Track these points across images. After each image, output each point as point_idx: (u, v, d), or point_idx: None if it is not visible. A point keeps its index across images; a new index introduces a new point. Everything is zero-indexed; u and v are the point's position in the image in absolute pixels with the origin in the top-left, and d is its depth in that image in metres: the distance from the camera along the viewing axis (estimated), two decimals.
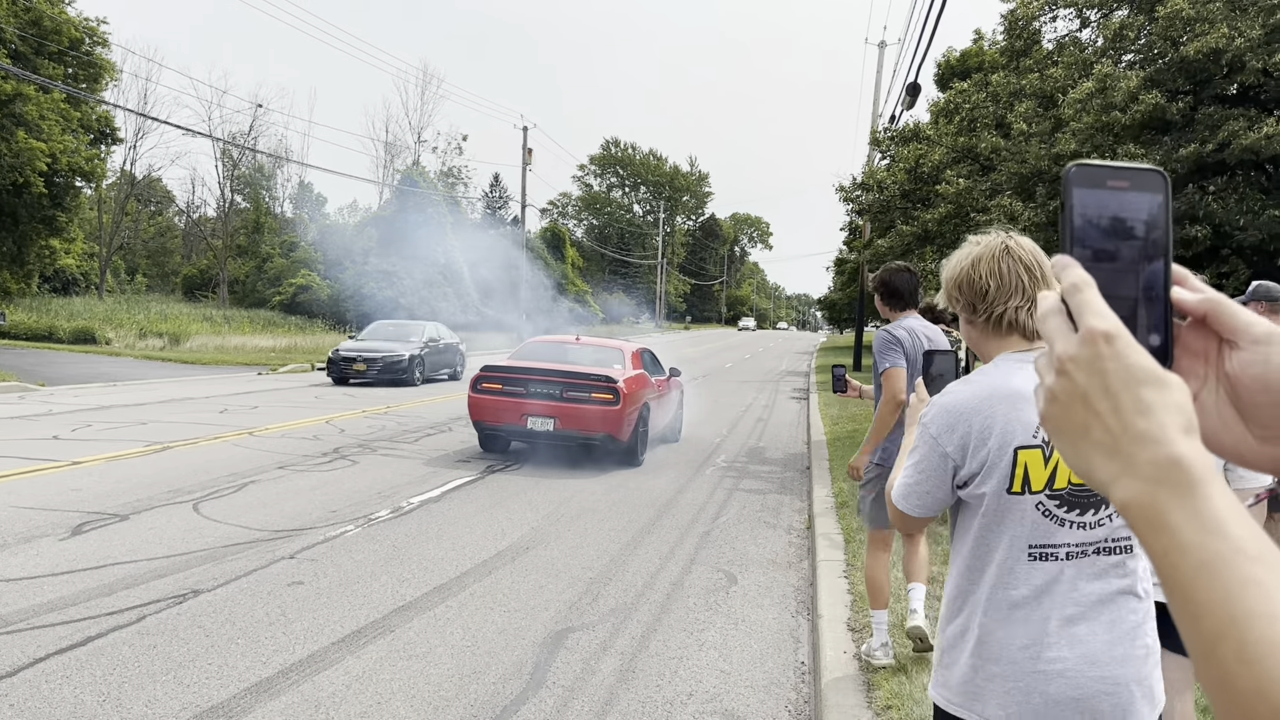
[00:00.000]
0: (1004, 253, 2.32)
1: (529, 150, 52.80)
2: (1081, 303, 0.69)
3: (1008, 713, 2.21)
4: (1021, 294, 2.31)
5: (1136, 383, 0.66)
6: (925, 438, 2.31)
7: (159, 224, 68.44)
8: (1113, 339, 0.67)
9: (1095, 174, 0.73)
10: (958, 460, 2.26)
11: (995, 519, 2.24)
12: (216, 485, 9.55)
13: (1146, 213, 0.73)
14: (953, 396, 2.31)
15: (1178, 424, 0.64)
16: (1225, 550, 0.60)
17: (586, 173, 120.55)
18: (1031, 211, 11.43)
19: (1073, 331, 0.69)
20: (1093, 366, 0.67)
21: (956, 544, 2.38)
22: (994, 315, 2.33)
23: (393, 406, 17.34)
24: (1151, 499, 0.64)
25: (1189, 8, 10.29)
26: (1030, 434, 2.21)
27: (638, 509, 9.56)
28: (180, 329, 34.65)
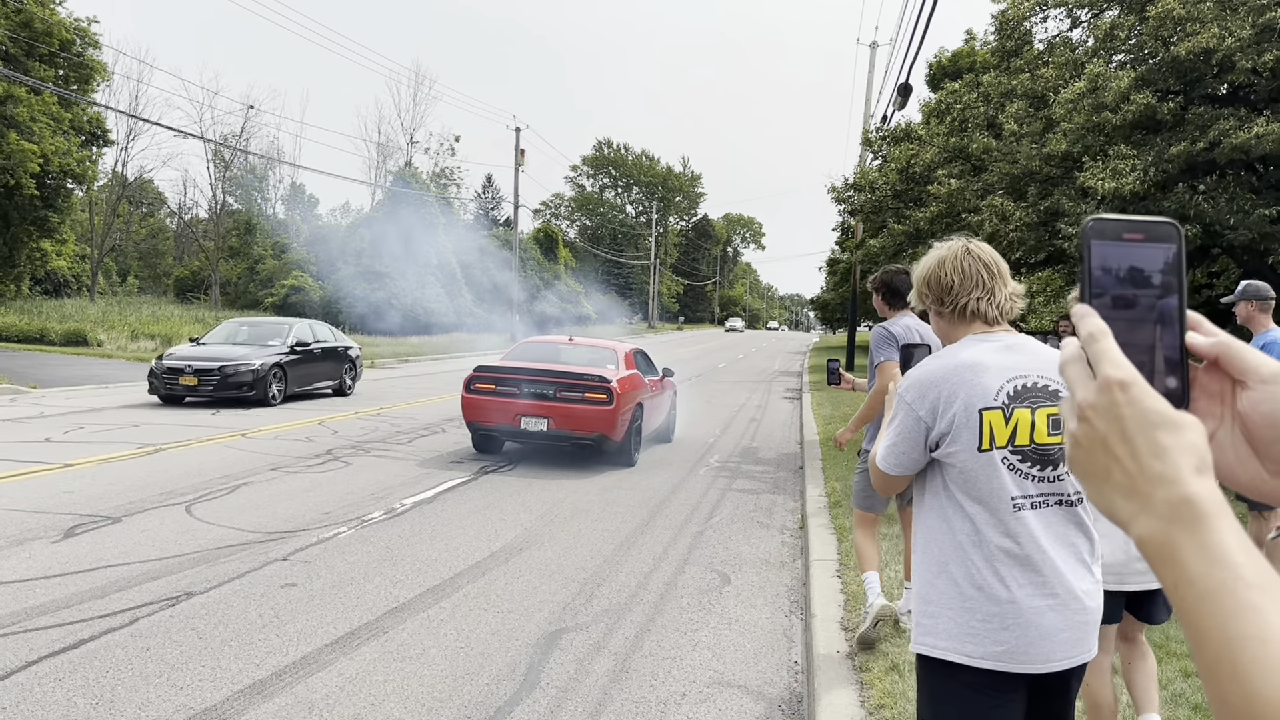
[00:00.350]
0: (965, 253, 2.75)
1: (522, 151, 52.78)
2: (1099, 352, 0.73)
3: (1004, 648, 2.51)
4: (981, 287, 2.72)
5: (1151, 427, 0.70)
6: (902, 405, 2.68)
7: (151, 226, 68.27)
8: (1128, 386, 0.71)
9: (1111, 227, 0.78)
10: (929, 422, 2.61)
11: (970, 476, 2.58)
12: (209, 487, 9.53)
13: (1161, 262, 0.77)
14: (923, 369, 2.70)
15: (1190, 464, 0.69)
16: (1226, 579, 0.65)
17: (579, 173, 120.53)
18: (1023, 211, 11.45)
19: (1092, 379, 0.74)
20: (1110, 413, 0.72)
21: (927, 509, 2.69)
22: (958, 306, 2.74)
23: (385, 408, 17.32)
24: (1165, 536, 0.69)
25: (1180, 7, 10.33)
26: (991, 397, 2.58)
27: (631, 509, 9.57)
28: (172, 331, 34.52)
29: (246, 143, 60.77)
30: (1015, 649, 2.50)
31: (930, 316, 2.90)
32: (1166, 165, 10.35)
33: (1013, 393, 2.60)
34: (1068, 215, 10.78)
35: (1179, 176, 10.56)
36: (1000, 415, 2.56)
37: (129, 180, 58.02)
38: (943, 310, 2.78)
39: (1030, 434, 2.57)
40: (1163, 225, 0.78)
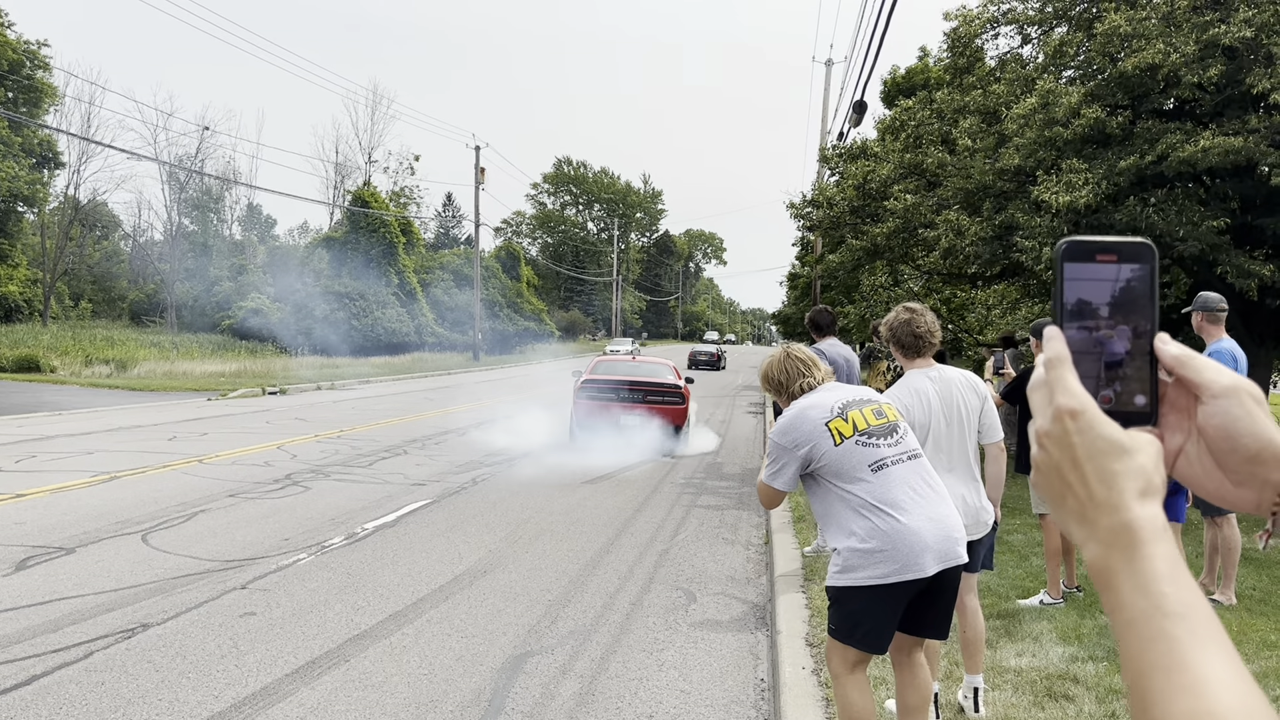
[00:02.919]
0: (786, 357, 4.12)
1: (482, 170, 52.69)
2: (1054, 380, 0.75)
3: (898, 565, 3.60)
4: (802, 376, 4.04)
5: (1100, 454, 0.72)
6: (775, 445, 3.88)
7: (105, 249, 67.24)
8: (1078, 415, 0.74)
9: (1086, 248, 0.80)
10: (794, 449, 3.79)
11: (837, 466, 3.72)
12: (166, 515, 9.37)
13: (1134, 282, 0.79)
14: (784, 419, 3.91)
15: (1134, 489, 0.71)
16: (1147, 608, 0.67)
17: (540, 191, 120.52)
18: (978, 226, 11.59)
19: (1049, 407, 0.76)
20: (1063, 441, 0.74)
21: (818, 503, 3.86)
22: (791, 391, 4.04)
23: (345, 430, 17.15)
24: (1105, 561, 0.71)
25: (1126, 25, 10.53)
26: (829, 413, 3.80)
27: (596, 529, 9.54)
28: (127, 355, 34.00)
29: (202, 164, 60.13)
30: (902, 565, 3.60)
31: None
32: (1117, 178, 10.52)
33: (840, 406, 3.83)
34: (1022, 229, 10.93)
35: (1130, 189, 10.74)
36: (840, 420, 3.77)
37: (82, 203, 57.14)
38: (782, 396, 4.06)
39: (865, 421, 3.78)
40: (1137, 245, 0.79)
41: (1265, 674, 5.35)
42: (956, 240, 11.67)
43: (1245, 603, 6.91)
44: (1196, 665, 0.64)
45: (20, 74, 36.81)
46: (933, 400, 4.54)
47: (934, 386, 4.57)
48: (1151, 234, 10.32)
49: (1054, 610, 6.59)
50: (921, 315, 4.60)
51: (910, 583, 3.65)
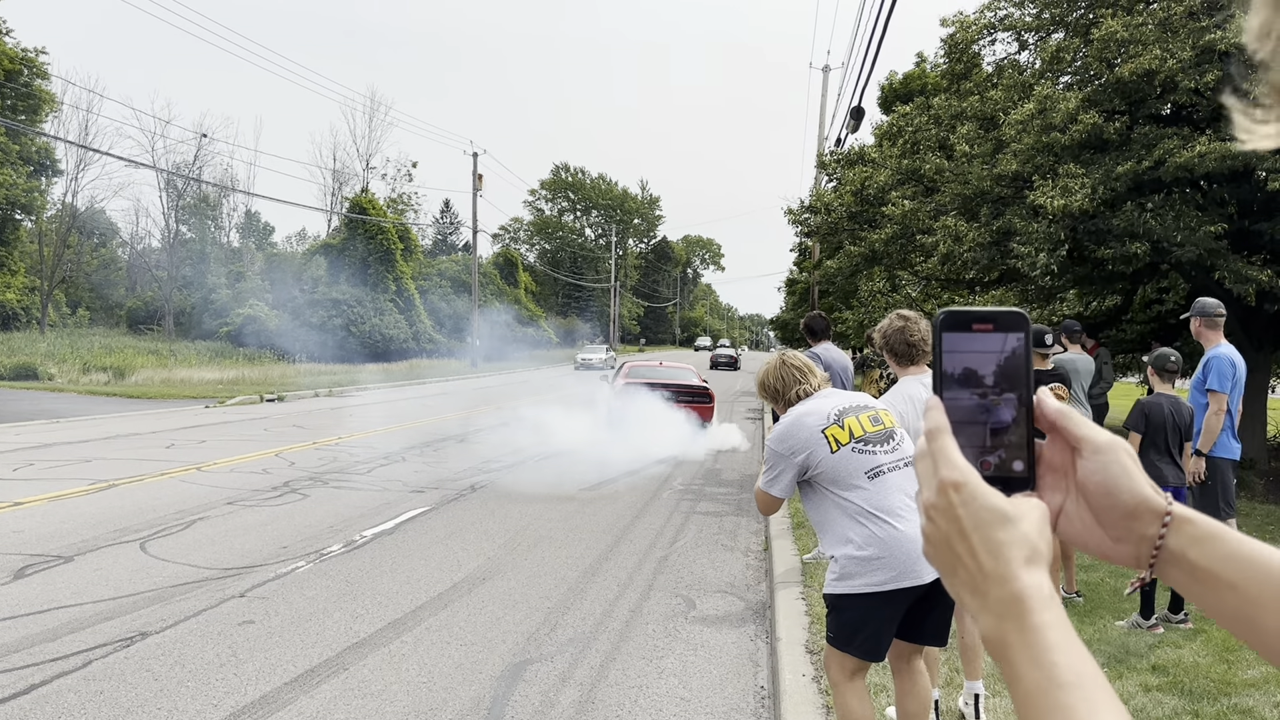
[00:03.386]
0: (781, 364, 4.13)
1: (479, 176, 52.72)
2: (937, 450, 0.76)
3: (895, 572, 3.61)
4: (798, 383, 4.05)
5: (985, 525, 0.73)
6: (772, 452, 3.88)
7: (102, 256, 67.19)
8: (961, 487, 0.75)
9: (962, 318, 0.82)
10: (792, 456, 3.80)
11: (834, 474, 3.73)
12: (164, 523, 9.35)
13: (1010, 350, 0.81)
14: (775, 430, 3.92)
15: (1021, 557, 0.72)
16: (1041, 680, 0.68)
17: (538, 197, 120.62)
18: (976, 232, 11.60)
19: (934, 477, 0.76)
20: (949, 514, 0.75)
21: (814, 510, 3.87)
22: (788, 398, 4.05)
23: (344, 437, 17.13)
24: (999, 633, 0.72)
25: (1122, 30, 10.55)
26: (825, 420, 3.81)
27: (595, 535, 9.52)
28: (125, 363, 33.97)
29: (200, 171, 60.12)
30: (901, 573, 3.60)
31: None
32: (1114, 183, 10.54)
33: (837, 413, 3.83)
34: (1020, 234, 10.94)
35: (1127, 194, 10.75)
36: (836, 427, 3.78)
37: (79, 210, 57.14)
38: (779, 402, 4.09)
39: (861, 428, 3.80)
40: (1010, 314, 0.81)
41: (1265, 680, 5.35)
42: (955, 246, 11.68)
43: None
44: None
45: (18, 82, 36.82)
46: (922, 406, 4.56)
47: (927, 393, 4.58)
48: (1149, 239, 10.34)
49: None
50: (915, 323, 4.61)
51: (908, 590, 3.66)
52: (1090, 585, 7.42)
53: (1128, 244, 10.38)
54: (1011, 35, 12.89)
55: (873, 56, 14.83)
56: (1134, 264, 10.52)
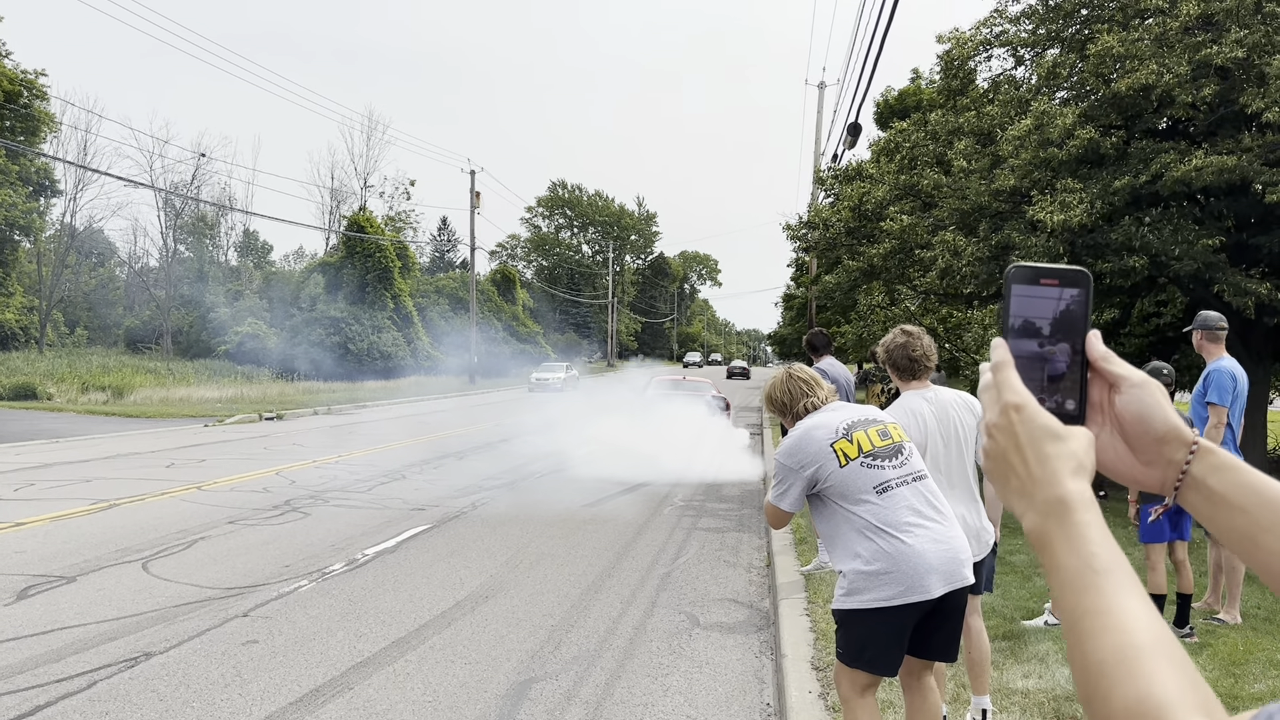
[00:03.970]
0: (788, 378, 4.16)
1: (477, 194, 52.86)
2: (1001, 380, 0.89)
3: (903, 587, 3.60)
4: (805, 396, 4.07)
5: (1038, 440, 0.86)
6: (781, 466, 3.88)
7: (100, 275, 67.24)
8: (1020, 408, 0.87)
9: (1031, 273, 0.93)
10: (801, 470, 3.80)
11: (843, 488, 3.73)
12: (166, 543, 9.34)
13: (1072, 303, 0.92)
14: (787, 440, 3.91)
15: (1068, 469, 0.84)
16: (1078, 565, 0.80)
17: (535, 214, 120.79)
18: (974, 247, 11.63)
19: (997, 403, 0.89)
20: (1008, 431, 0.88)
21: (828, 523, 3.83)
22: (796, 412, 4.08)
23: (343, 455, 17.10)
24: (1042, 528, 0.84)
25: (1119, 45, 10.61)
26: (834, 434, 3.80)
27: (598, 552, 9.51)
28: (124, 382, 33.92)
29: (198, 190, 60.24)
30: (909, 588, 3.59)
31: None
32: (1112, 198, 10.58)
33: (845, 427, 3.83)
34: (1018, 249, 10.98)
35: (1125, 209, 10.80)
36: (845, 441, 3.78)
37: (78, 230, 57.20)
38: (786, 416, 4.12)
39: (870, 442, 3.79)
40: (1074, 272, 0.92)
41: (1272, 692, 5.34)
42: (953, 261, 11.71)
43: (1250, 621, 6.91)
44: (1120, 609, 0.76)
45: (18, 103, 36.92)
46: (929, 421, 4.57)
47: (930, 408, 4.60)
48: (1147, 253, 10.37)
49: (1059, 630, 6.58)
50: (918, 339, 4.63)
51: (916, 605, 3.65)
52: None
53: (1126, 257, 10.42)
54: (1008, 51, 12.96)
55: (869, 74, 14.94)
56: (1132, 278, 10.54)
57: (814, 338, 9.36)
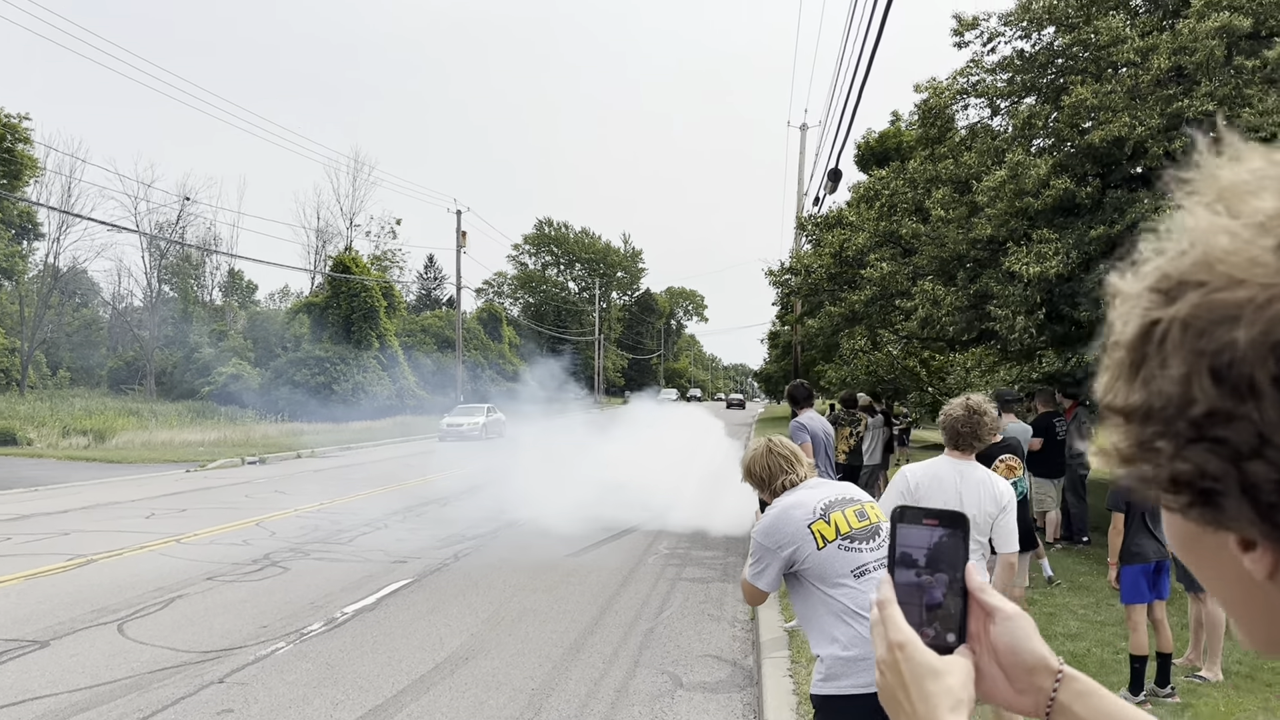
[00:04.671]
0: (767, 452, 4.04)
1: (463, 233, 52.99)
2: (886, 618, 0.97)
3: None
4: (784, 472, 3.95)
5: (920, 678, 0.93)
6: (758, 545, 3.79)
7: (84, 316, 66.95)
8: (904, 646, 0.94)
9: (915, 514, 1.02)
10: (779, 551, 3.73)
11: (820, 570, 3.68)
12: (142, 602, 9.23)
13: (950, 539, 1.00)
14: (766, 519, 3.85)
15: (946, 705, 0.91)
16: None
17: (521, 252, 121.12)
18: (953, 296, 11.72)
19: (884, 640, 0.96)
20: (894, 668, 0.95)
21: (800, 604, 3.79)
22: (775, 488, 3.97)
23: (326, 503, 16.98)
24: None
25: (1092, 97, 10.77)
26: (811, 515, 3.73)
27: (581, 607, 9.44)
28: (105, 425, 33.68)
29: (183, 232, 60.18)
30: None
31: None
32: (1088, 247, 10.69)
33: (824, 507, 3.77)
34: (996, 298, 11.06)
35: (1101, 257, 10.90)
36: (822, 523, 3.72)
37: (61, 271, 57.02)
38: (764, 491, 4.04)
39: (847, 524, 3.73)
40: (953, 514, 1.00)
41: None
42: (933, 310, 11.79)
43: (1232, 679, 6.90)
44: None
45: (1, 147, 36.92)
46: (949, 491, 4.63)
47: (956, 479, 4.69)
48: None
49: None
50: (975, 417, 4.77)
51: None
52: (1076, 657, 7.40)
53: (1103, 306, 10.49)
54: (984, 101, 13.13)
55: (849, 120, 15.11)
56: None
57: (795, 390, 9.40)
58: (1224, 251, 0.59)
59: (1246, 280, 0.58)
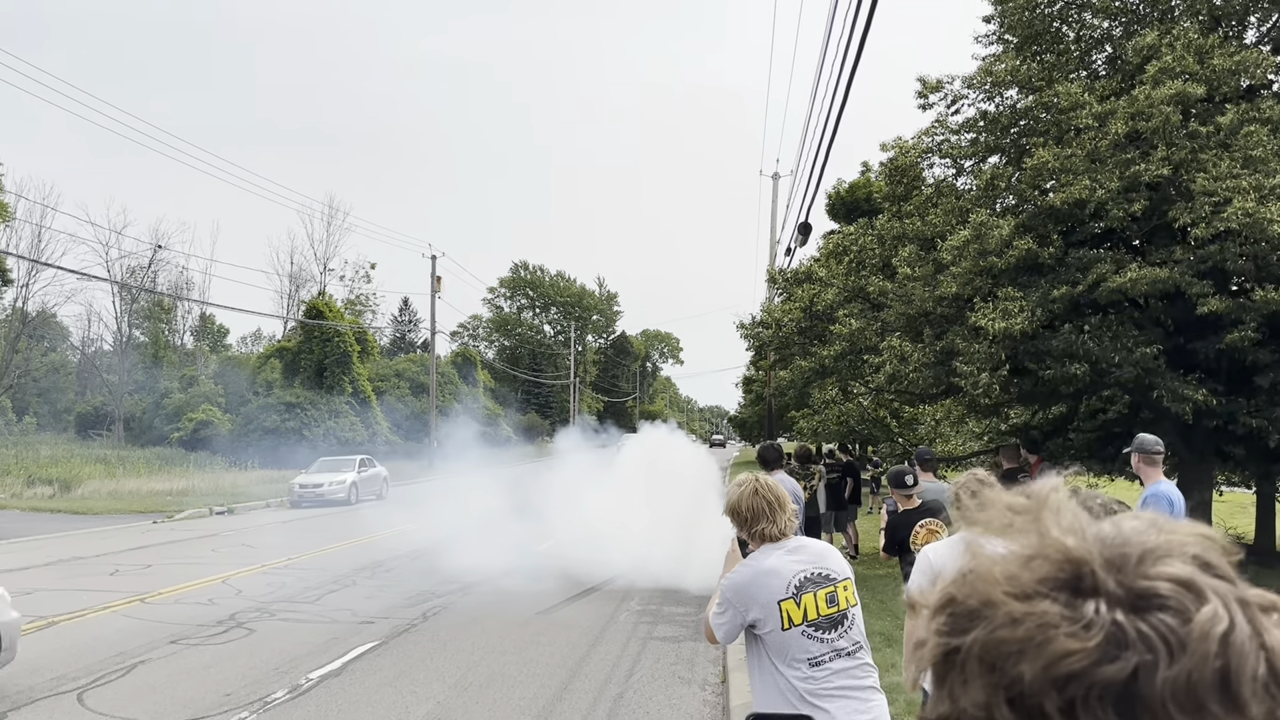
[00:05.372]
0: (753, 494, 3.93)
1: (438, 278, 53.03)
2: None
3: None
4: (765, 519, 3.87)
5: None
6: (725, 600, 3.84)
7: (52, 360, 66.25)
8: None
9: None
10: (744, 613, 3.78)
11: (780, 646, 3.72)
12: (104, 668, 9.08)
13: None
14: (739, 575, 3.86)
15: None
16: None
17: (496, 295, 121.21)
18: (920, 352, 11.86)
19: None
20: None
21: (753, 663, 3.84)
22: (754, 532, 3.91)
23: (293, 559, 16.78)
24: None
25: (1053, 160, 11.00)
26: (784, 591, 3.73)
27: (550, 669, 9.37)
28: (71, 474, 33.23)
29: (154, 277, 59.85)
30: None
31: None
32: (1052, 305, 10.86)
33: (798, 584, 3.75)
34: (962, 355, 11.20)
35: (1065, 316, 11.08)
36: (793, 603, 3.72)
37: (30, 316, 56.51)
38: (743, 530, 4.01)
39: (816, 610, 3.73)
40: None
41: None
42: (900, 366, 11.92)
43: None
44: None
45: None
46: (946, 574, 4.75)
47: (951, 556, 4.77)
48: (1088, 361, 10.62)
49: None
50: (989, 487, 4.78)
51: None
52: None
53: (1068, 364, 10.66)
54: (949, 161, 13.38)
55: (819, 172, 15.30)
56: (1075, 384, 10.78)
57: (765, 452, 9.43)
58: (1003, 594, 0.65)
59: (1022, 620, 0.63)
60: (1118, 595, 0.63)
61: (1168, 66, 10.59)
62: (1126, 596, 0.63)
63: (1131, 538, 0.66)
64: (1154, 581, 0.63)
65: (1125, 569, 0.64)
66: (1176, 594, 0.62)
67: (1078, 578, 0.64)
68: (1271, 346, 10.96)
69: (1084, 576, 0.64)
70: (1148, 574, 0.63)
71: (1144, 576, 0.63)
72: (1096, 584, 0.63)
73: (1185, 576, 0.63)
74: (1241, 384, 11.55)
